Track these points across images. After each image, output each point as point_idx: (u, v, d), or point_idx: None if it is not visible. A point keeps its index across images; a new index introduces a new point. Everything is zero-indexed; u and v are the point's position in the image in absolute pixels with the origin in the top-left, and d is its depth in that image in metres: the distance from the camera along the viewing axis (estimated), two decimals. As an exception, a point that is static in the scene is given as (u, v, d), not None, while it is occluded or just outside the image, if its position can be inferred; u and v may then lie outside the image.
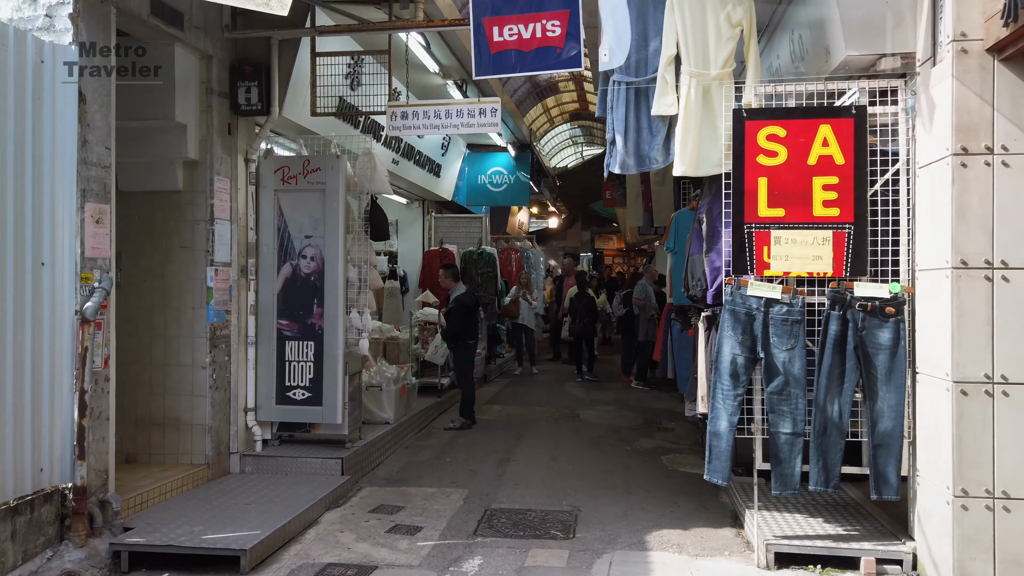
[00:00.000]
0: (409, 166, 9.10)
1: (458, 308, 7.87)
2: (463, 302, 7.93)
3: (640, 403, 9.59)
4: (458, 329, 7.89)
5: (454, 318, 7.89)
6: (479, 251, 10.94)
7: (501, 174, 11.18)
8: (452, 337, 7.93)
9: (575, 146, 16.64)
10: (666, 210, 7.70)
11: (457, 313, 7.86)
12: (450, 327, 7.94)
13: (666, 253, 10.68)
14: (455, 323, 7.92)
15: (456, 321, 7.86)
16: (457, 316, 7.84)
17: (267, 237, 5.97)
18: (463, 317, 7.88)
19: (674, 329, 6.91)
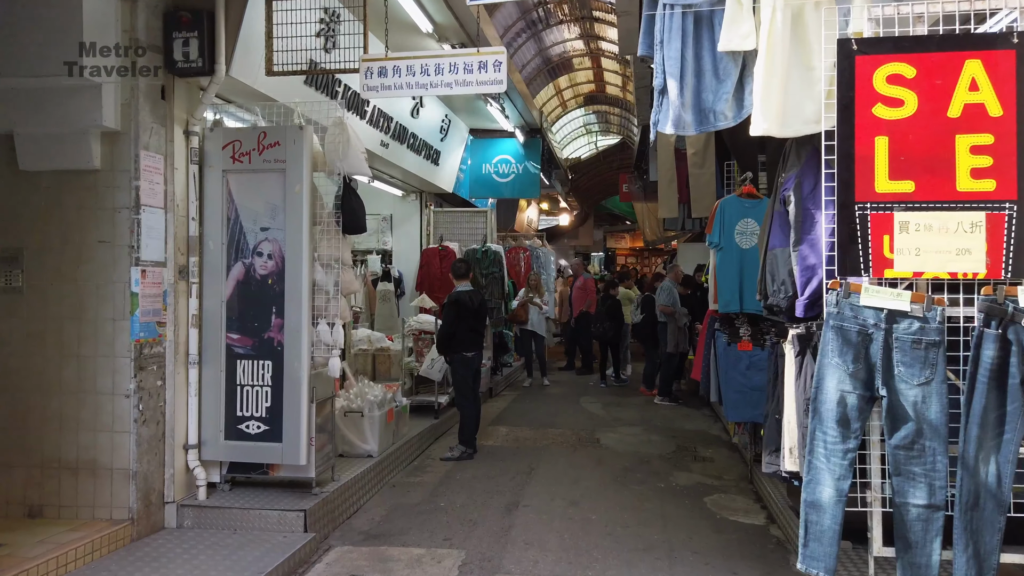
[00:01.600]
0: (402, 151, 7.88)
1: (448, 306, 6.64)
2: (456, 299, 6.69)
3: (668, 423, 8.33)
4: (449, 332, 6.66)
5: (444, 319, 6.67)
6: (483, 249, 9.71)
7: (508, 163, 9.96)
8: (444, 343, 6.69)
9: (589, 135, 15.41)
10: (707, 198, 6.46)
11: (447, 313, 6.63)
12: (440, 328, 6.71)
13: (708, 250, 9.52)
14: (444, 326, 6.68)
15: (446, 323, 6.63)
16: (448, 317, 6.61)
17: (213, 230, 4.76)
18: (455, 318, 6.65)
19: (719, 342, 5.66)
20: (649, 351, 10.35)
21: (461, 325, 6.76)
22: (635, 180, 13.40)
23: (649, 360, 10.34)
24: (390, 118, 7.24)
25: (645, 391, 10.17)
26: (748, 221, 5.69)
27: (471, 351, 6.83)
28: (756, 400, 5.53)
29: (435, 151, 8.92)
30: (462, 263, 7.02)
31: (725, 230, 5.67)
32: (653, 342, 10.16)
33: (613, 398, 9.92)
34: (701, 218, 8.84)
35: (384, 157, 7.44)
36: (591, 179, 16.68)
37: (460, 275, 6.91)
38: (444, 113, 8.86)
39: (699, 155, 6.33)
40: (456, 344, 6.73)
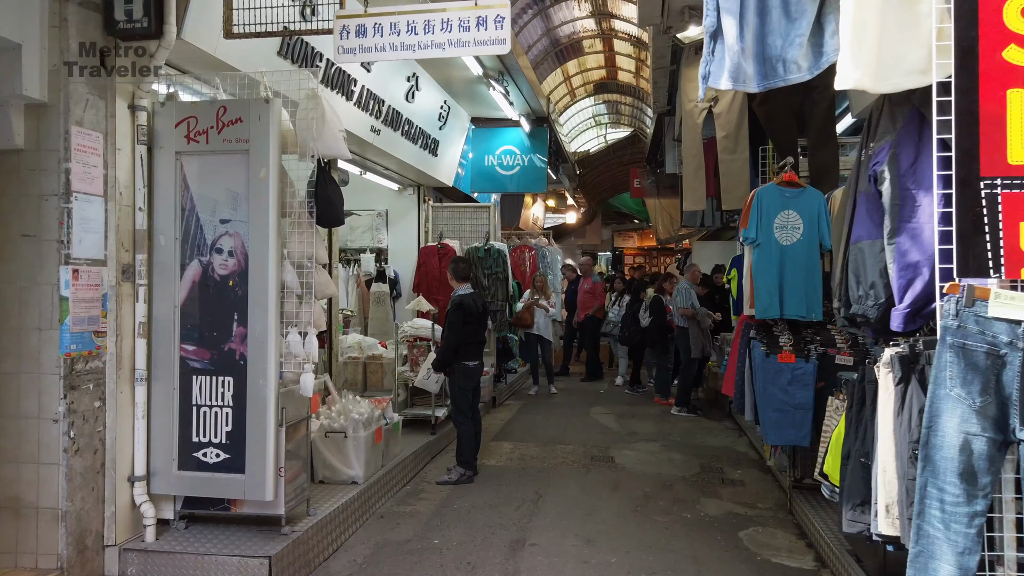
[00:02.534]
0: (396, 139, 7.15)
1: (453, 311, 5.90)
2: (459, 304, 5.95)
3: (688, 438, 7.58)
4: (454, 344, 5.94)
5: (449, 328, 5.92)
6: (486, 247, 8.98)
7: (513, 154, 9.23)
8: (447, 356, 5.95)
9: (598, 127, 14.65)
10: (739, 188, 5.71)
11: (452, 320, 5.89)
12: (444, 341, 5.97)
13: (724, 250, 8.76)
14: (449, 336, 5.94)
15: (451, 334, 5.90)
16: (452, 325, 5.88)
17: (165, 222, 4.04)
18: (460, 326, 5.92)
19: (755, 353, 4.91)
20: (659, 357, 9.61)
21: (464, 331, 6.06)
22: (647, 175, 12.64)
23: (660, 367, 9.59)
24: (381, 101, 6.51)
25: (660, 401, 9.42)
26: (789, 214, 4.94)
27: (473, 360, 6.10)
28: (799, 420, 4.79)
29: (433, 140, 8.19)
30: (462, 263, 6.28)
31: (763, 224, 4.92)
32: (663, 347, 9.43)
33: (627, 408, 9.17)
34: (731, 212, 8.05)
35: (376, 145, 6.71)
36: (600, 174, 15.92)
37: (461, 276, 6.17)
38: (443, 98, 8.14)
39: (730, 139, 5.59)
40: (458, 354, 6.02)
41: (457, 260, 6.22)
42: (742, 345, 5.22)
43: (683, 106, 5.83)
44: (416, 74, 7.13)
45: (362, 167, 7.74)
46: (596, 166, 15.13)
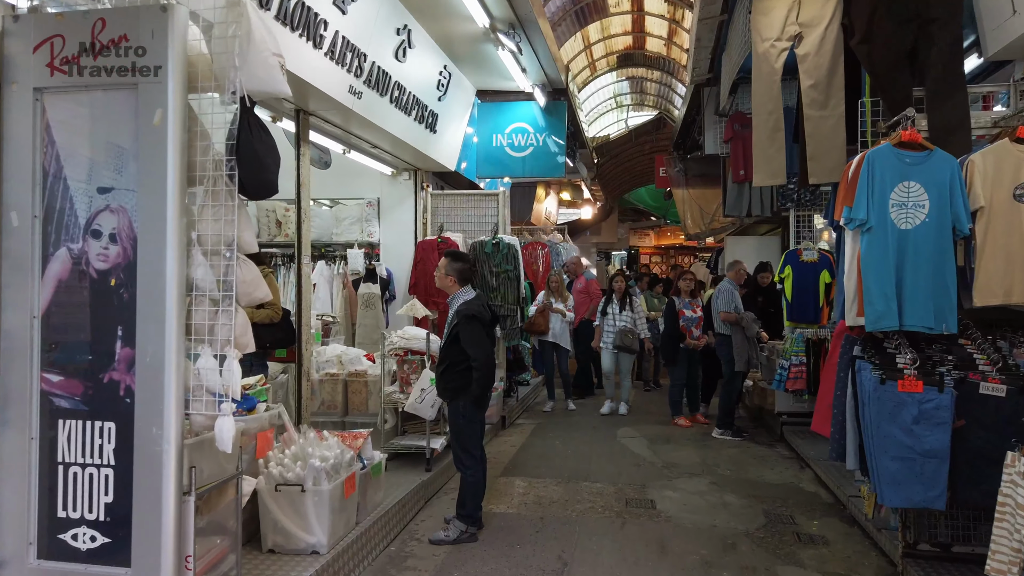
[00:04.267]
0: (384, 107, 5.85)
1: (467, 324, 4.51)
2: (475, 314, 4.56)
3: (740, 471, 6.23)
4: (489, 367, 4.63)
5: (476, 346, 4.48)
6: (494, 241, 7.66)
7: (525, 133, 7.91)
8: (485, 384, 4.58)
9: (619, 109, 13.30)
10: (832, 154, 4.33)
11: (474, 334, 4.49)
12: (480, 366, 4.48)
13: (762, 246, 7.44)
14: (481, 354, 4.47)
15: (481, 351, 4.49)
16: (479, 340, 4.50)
17: (18, 192, 2.75)
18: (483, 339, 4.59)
19: (863, 379, 3.56)
20: (673, 370, 8.22)
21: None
22: (674, 162, 11.30)
23: (674, 381, 8.21)
24: (363, 55, 5.20)
25: (677, 422, 8.02)
26: (911, 186, 3.59)
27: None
28: (931, 474, 3.46)
29: (432, 114, 6.88)
30: (463, 260, 4.82)
31: (875, 200, 3.57)
32: (673, 358, 8.07)
33: (659, 430, 7.81)
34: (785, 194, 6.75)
35: (357, 112, 5.40)
36: (619, 164, 14.55)
37: (465, 278, 4.75)
38: (443, 62, 6.83)
39: (820, 88, 4.22)
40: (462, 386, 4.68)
41: (457, 256, 4.78)
42: (842, 366, 3.86)
43: (755, 48, 4.47)
44: (408, 26, 5.82)
45: (345, 143, 6.44)
46: (616, 154, 13.76)
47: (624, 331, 8.19)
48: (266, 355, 5.25)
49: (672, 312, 8.06)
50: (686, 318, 7.89)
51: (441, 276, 4.76)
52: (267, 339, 5.12)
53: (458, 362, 4.59)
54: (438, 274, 4.78)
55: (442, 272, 4.75)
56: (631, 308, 8.37)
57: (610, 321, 8.35)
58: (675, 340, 7.99)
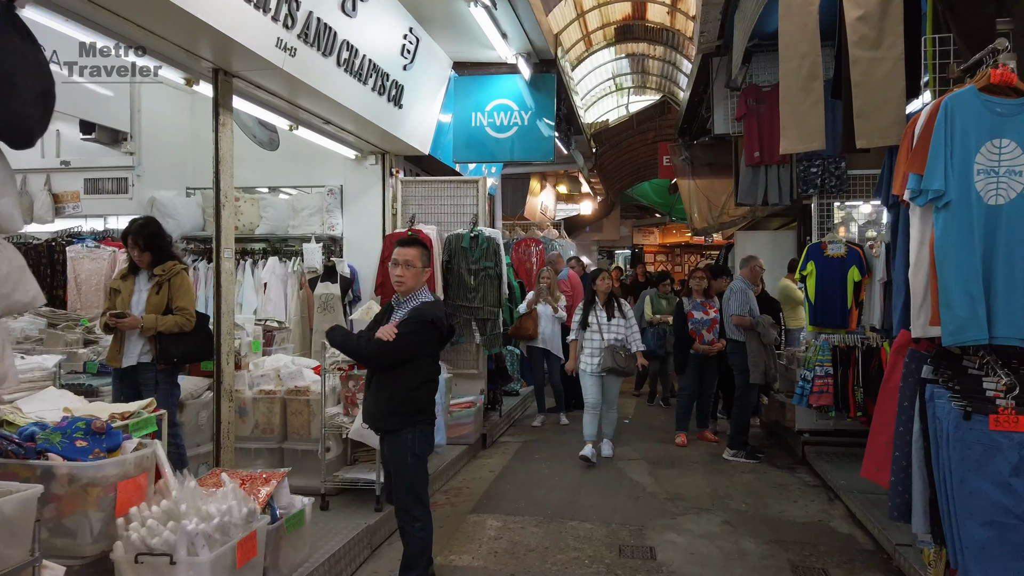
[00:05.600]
0: (329, 71, 4.88)
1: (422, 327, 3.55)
2: (433, 319, 3.59)
3: (757, 504, 5.24)
4: (430, 391, 3.70)
5: (412, 357, 3.56)
6: (472, 234, 6.69)
7: (508, 111, 6.93)
8: (417, 404, 3.61)
9: (619, 92, 12.26)
10: (889, 108, 3.29)
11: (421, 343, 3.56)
12: (411, 372, 3.58)
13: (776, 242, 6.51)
14: (416, 373, 3.60)
15: (421, 372, 3.61)
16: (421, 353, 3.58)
17: None
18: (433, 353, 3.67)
19: (940, 412, 2.57)
20: (681, 378, 7.25)
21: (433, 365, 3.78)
22: (679, 150, 10.30)
23: (682, 391, 7.21)
24: (295, 1, 4.22)
25: (679, 439, 7.02)
26: (1003, 145, 2.61)
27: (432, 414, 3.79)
28: (1040, 547, 2.44)
29: (396, 85, 5.91)
30: (419, 246, 3.81)
31: (955, 164, 2.59)
32: (682, 366, 7.10)
33: (662, 450, 6.82)
34: (843, 172, 5.75)
35: (291, 74, 4.44)
36: (620, 154, 13.54)
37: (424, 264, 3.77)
38: (407, 23, 5.86)
39: (871, 21, 3.16)
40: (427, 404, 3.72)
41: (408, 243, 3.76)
42: (906, 393, 2.86)
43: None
44: (357, -27, 4.85)
45: (292, 118, 5.48)
46: (616, 143, 12.75)
47: (614, 348, 6.11)
48: (175, 371, 4.28)
49: (681, 314, 7.08)
50: (695, 320, 6.90)
51: (417, 270, 3.70)
52: (175, 352, 4.18)
53: (411, 380, 3.61)
54: (410, 269, 3.70)
55: (417, 264, 3.68)
56: (622, 315, 6.28)
57: (594, 334, 6.21)
58: (685, 345, 7.02)
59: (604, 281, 6.35)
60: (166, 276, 4.24)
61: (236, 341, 5.01)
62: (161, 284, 4.23)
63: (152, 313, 4.14)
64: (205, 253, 6.81)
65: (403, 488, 3.61)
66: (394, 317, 3.71)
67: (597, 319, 6.23)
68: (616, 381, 6.34)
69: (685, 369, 7.02)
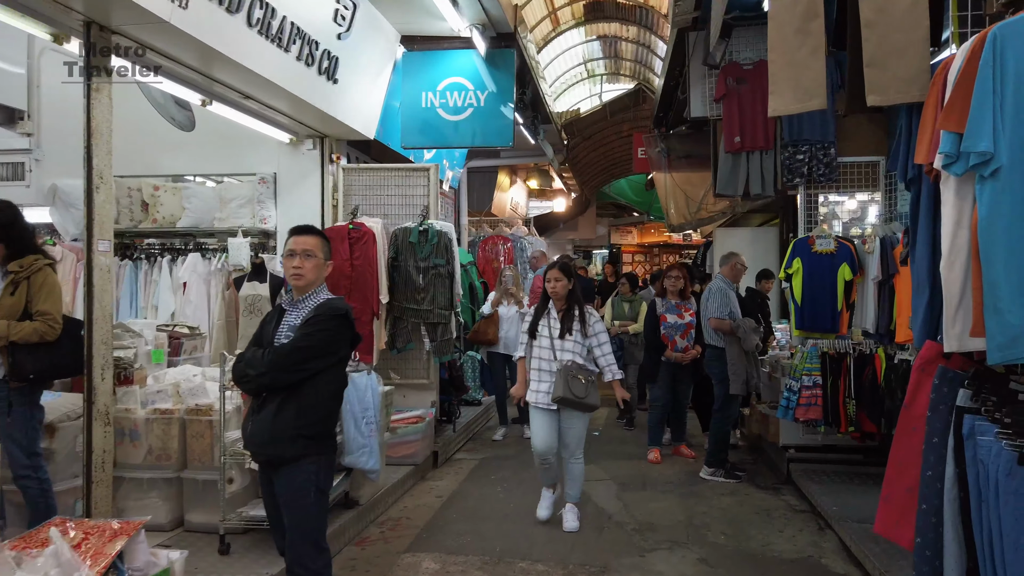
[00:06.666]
0: (237, 31, 4.13)
1: (334, 322, 2.93)
2: (346, 313, 3.00)
3: (738, 535, 4.57)
4: (333, 409, 3.08)
5: (322, 347, 2.91)
6: (421, 228, 5.97)
7: (463, 91, 6.21)
8: (324, 426, 2.99)
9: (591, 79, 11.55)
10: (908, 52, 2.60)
11: (329, 331, 2.92)
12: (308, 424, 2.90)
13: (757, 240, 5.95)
14: (326, 386, 2.96)
15: (331, 382, 3.00)
16: (328, 339, 2.92)
17: None
18: (342, 345, 3.02)
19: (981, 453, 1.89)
20: (652, 388, 6.57)
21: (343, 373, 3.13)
22: (655, 141, 9.63)
23: (654, 403, 6.53)
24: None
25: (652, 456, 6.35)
26: (1068, 94, 1.92)
27: (333, 441, 3.11)
28: None
29: (328, 56, 5.17)
30: (315, 231, 3.09)
31: (1007, 116, 1.92)
32: (653, 374, 6.44)
33: (633, 468, 6.15)
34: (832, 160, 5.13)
35: (184, 31, 3.68)
36: (594, 148, 12.87)
37: (325, 255, 3.12)
38: (340, -14, 5.12)
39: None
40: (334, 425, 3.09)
41: (304, 231, 3.06)
42: (936, 424, 2.18)
43: None
44: (269, -85, 4.11)
45: (205, 92, 4.71)
46: (589, 135, 12.08)
47: (571, 371, 4.40)
48: (35, 390, 3.51)
49: (653, 317, 6.40)
50: (668, 325, 6.22)
51: (318, 261, 3.03)
52: (32, 367, 3.41)
53: (323, 392, 2.92)
54: (309, 260, 3.01)
55: (318, 254, 3.02)
56: (582, 326, 4.52)
57: (543, 351, 4.54)
58: (657, 352, 6.35)
59: (559, 282, 4.56)
60: (24, 274, 3.46)
61: (129, 350, 4.27)
62: (18, 283, 3.45)
63: (3, 319, 3.37)
64: (119, 250, 6.03)
65: (300, 536, 2.90)
66: (286, 322, 3.01)
67: (550, 330, 4.53)
68: (577, 419, 4.52)
69: (656, 378, 6.35)
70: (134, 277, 5.88)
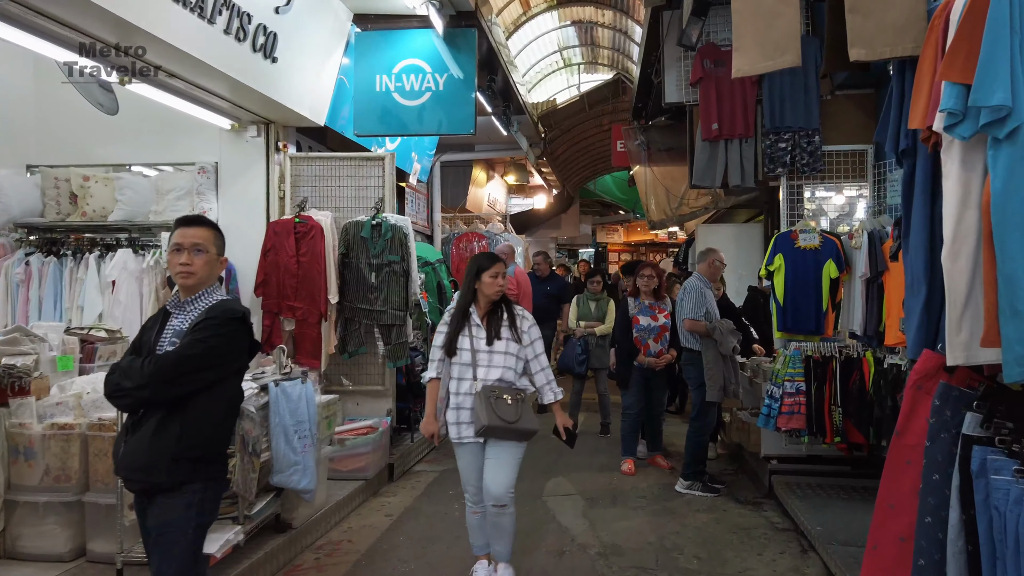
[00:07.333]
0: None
1: (222, 326, 2.52)
2: (244, 316, 2.61)
3: (713, 559, 4.15)
4: (227, 430, 2.67)
5: (211, 356, 2.48)
6: (374, 222, 5.52)
7: (420, 73, 5.74)
8: (216, 447, 2.60)
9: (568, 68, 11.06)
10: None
11: (222, 337, 2.51)
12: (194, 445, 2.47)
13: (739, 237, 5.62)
14: (216, 401, 2.54)
15: (228, 392, 2.61)
16: (218, 347, 2.51)
17: None
18: (237, 355, 2.62)
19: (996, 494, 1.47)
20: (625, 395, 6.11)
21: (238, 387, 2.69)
22: (635, 134, 9.21)
23: (628, 413, 6.07)
24: None
25: (626, 467, 5.92)
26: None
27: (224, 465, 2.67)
28: None
29: (264, 31, 4.70)
30: (206, 223, 2.69)
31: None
32: (625, 380, 6.00)
33: (604, 480, 5.71)
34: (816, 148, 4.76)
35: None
36: (573, 142, 12.42)
37: (219, 251, 2.72)
38: (275, -47, 4.64)
39: None
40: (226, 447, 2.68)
41: (215, 225, 2.66)
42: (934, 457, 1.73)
43: None
44: None
45: (125, 70, 4.22)
46: (568, 128, 11.63)
47: (491, 391, 3.43)
48: None
49: (625, 319, 5.96)
50: (641, 328, 5.79)
51: (210, 257, 2.61)
52: None
53: (213, 409, 2.53)
54: (200, 256, 2.59)
55: (211, 249, 2.61)
56: (512, 331, 3.54)
57: (464, 369, 3.52)
58: (629, 356, 5.91)
59: (495, 279, 3.50)
60: None
61: (29, 357, 3.79)
62: None
63: None
64: (44, 245, 5.55)
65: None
66: (171, 327, 2.56)
67: (472, 342, 3.51)
68: (507, 451, 3.48)
69: (628, 384, 5.91)
70: (59, 275, 5.38)
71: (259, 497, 3.87)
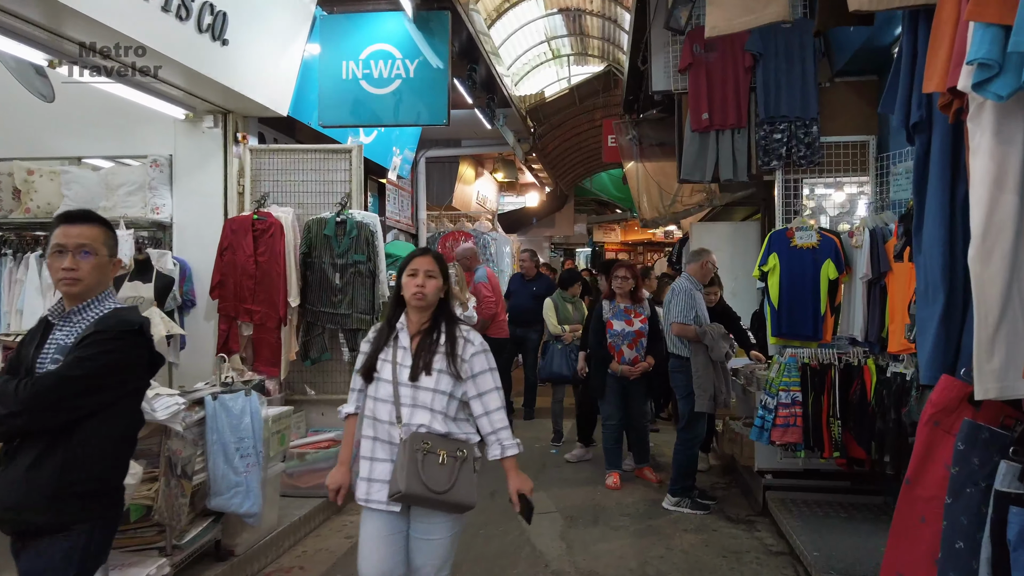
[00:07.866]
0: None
1: (113, 341, 2.13)
2: (141, 326, 2.24)
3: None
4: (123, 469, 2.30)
5: (97, 377, 2.10)
6: (339, 219, 5.13)
7: (389, 59, 5.34)
8: (84, 501, 2.13)
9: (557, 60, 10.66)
10: None
11: (112, 353, 2.14)
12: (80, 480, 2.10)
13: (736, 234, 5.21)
14: (109, 426, 2.19)
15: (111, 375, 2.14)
16: (110, 364, 2.14)
17: None
18: (134, 372, 2.26)
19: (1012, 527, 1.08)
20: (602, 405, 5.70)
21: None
22: (626, 128, 8.82)
23: (608, 424, 5.65)
24: None
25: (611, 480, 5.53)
26: None
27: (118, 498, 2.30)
28: None
29: (212, 10, 4.32)
30: (96, 220, 2.27)
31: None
32: (600, 389, 5.60)
33: (585, 495, 5.33)
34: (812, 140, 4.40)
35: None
36: (565, 138, 12.03)
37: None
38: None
39: None
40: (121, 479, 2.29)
41: (106, 221, 2.27)
42: (956, 516, 1.34)
43: None
44: None
45: (49, 49, 3.85)
46: (558, 123, 11.25)
47: (420, 442, 2.37)
48: None
49: (599, 323, 5.55)
50: (614, 333, 5.39)
51: (100, 260, 2.25)
52: None
53: (105, 436, 2.17)
54: (87, 259, 2.23)
55: (101, 250, 2.24)
56: (451, 358, 2.46)
57: (381, 406, 2.47)
58: (603, 363, 5.50)
59: (432, 278, 2.52)
60: None
61: (-63, 368, 3.39)
62: None
63: None
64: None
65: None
66: (54, 341, 2.19)
67: (394, 370, 2.49)
68: (438, 527, 2.45)
69: (603, 393, 5.51)
70: (-3, 276, 5.02)
71: (195, 523, 3.50)
